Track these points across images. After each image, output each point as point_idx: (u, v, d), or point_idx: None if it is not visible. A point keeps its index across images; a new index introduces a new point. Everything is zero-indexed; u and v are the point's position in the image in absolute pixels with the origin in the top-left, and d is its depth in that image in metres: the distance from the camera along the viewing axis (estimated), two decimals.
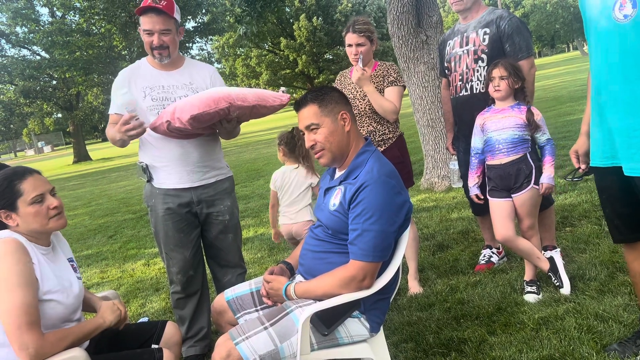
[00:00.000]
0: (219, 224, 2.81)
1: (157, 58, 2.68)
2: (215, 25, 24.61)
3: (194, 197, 2.73)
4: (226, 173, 2.88)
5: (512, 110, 2.93)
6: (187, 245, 2.76)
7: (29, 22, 27.50)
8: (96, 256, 6.08)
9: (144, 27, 2.62)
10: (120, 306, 2.05)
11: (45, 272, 1.84)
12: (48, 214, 1.88)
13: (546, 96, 15.29)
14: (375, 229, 1.87)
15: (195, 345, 2.90)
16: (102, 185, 15.05)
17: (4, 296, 1.70)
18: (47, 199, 1.89)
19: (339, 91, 2.13)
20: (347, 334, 1.97)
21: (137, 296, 4.28)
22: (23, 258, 1.77)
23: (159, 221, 2.74)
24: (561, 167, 5.86)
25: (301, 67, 38.12)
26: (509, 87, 2.90)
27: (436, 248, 4.06)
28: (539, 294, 2.91)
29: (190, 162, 2.69)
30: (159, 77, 2.70)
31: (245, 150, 17.98)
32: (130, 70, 2.74)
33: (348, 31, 3.19)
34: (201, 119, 2.36)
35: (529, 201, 2.93)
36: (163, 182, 2.72)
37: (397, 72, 3.22)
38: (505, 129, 2.92)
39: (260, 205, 7.30)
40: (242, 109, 2.42)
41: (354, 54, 3.17)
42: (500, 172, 2.97)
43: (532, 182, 2.92)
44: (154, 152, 2.71)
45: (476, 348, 2.50)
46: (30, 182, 1.87)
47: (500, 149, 2.96)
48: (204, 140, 2.72)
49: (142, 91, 2.67)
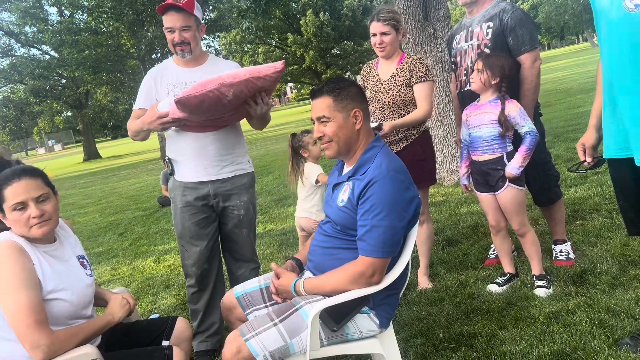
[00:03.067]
0: (234, 218, 2.86)
1: (180, 54, 2.75)
2: (222, 22, 24.58)
3: (211, 191, 2.78)
4: (246, 169, 2.90)
5: (489, 105, 2.92)
6: (203, 238, 2.81)
7: (38, 21, 27.66)
8: (107, 253, 6.13)
9: (166, 25, 2.71)
10: (129, 298, 2.07)
11: (47, 272, 1.84)
12: (29, 223, 1.83)
13: (556, 88, 15.15)
14: (384, 225, 1.87)
15: (207, 340, 2.93)
16: (112, 183, 15.16)
17: (9, 298, 1.72)
18: (29, 208, 1.83)
19: (358, 87, 2.10)
20: (356, 329, 1.97)
21: (147, 293, 4.31)
22: (21, 259, 1.78)
23: (177, 213, 2.82)
24: (571, 159, 5.81)
25: (308, 63, 37.98)
26: (481, 82, 2.88)
27: (445, 243, 4.04)
28: (549, 287, 2.90)
29: (207, 155, 2.74)
30: (183, 74, 2.78)
31: (254, 146, 18.01)
32: (157, 69, 2.84)
33: (372, 20, 3.14)
34: (187, 103, 2.35)
35: (510, 200, 2.94)
36: (183, 175, 2.80)
37: (426, 65, 3.12)
38: (481, 125, 2.93)
39: (270, 202, 7.31)
40: (234, 85, 2.33)
41: (378, 43, 3.12)
42: (477, 169, 3.04)
43: (507, 182, 2.92)
44: (175, 146, 2.80)
45: (486, 343, 2.50)
46: (14, 188, 1.82)
47: (477, 146, 2.99)
48: (224, 134, 2.75)
49: (166, 88, 2.77)
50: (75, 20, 25.86)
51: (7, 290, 1.72)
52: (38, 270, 1.81)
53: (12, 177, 1.84)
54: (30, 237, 1.87)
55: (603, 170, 4.71)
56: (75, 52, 22.75)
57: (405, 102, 3.13)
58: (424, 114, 3.07)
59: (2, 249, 1.78)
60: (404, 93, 3.11)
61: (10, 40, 31.87)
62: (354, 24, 36.70)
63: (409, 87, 3.12)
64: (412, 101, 3.14)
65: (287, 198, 7.21)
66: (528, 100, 3.03)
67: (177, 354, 1.93)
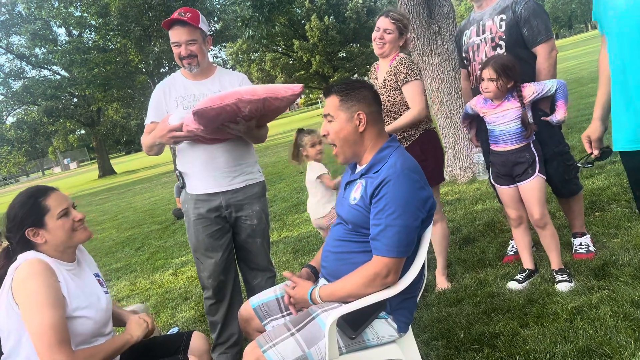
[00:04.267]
0: (247, 228, 2.86)
1: (187, 68, 2.77)
2: (228, 32, 24.75)
3: (223, 202, 2.78)
4: (257, 178, 2.91)
5: (508, 101, 2.90)
6: (217, 249, 2.82)
7: (47, 42, 28.10)
8: (125, 269, 6.17)
9: (172, 40, 2.73)
10: (147, 318, 2.07)
11: (72, 290, 1.86)
12: (74, 226, 1.93)
13: (566, 78, 14.98)
14: (398, 224, 1.84)
15: (227, 352, 2.92)
16: (128, 198, 15.29)
17: (34, 317, 1.72)
18: (72, 212, 1.95)
19: (369, 89, 2.06)
20: (375, 335, 1.94)
21: (166, 306, 4.32)
22: (49, 278, 1.79)
23: (191, 226, 2.83)
24: (583, 151, 5.71)
25: (315, 68, 38.03)
26: (498, 90, 2.85)
27: (462, 241, 3.99)
28: (571, 282, 2.85)
29: (218, 167, 2.74)
30: (191, 87, 2.80)
31: (265, 153, 18.05)
32: (165, 83, 2.87)
33: (381, 14, 3.15)
34: (206, 115, 2.37)
35: (534, 191, 2.91)
36: (194, 187, 2.81)
37: (407, 65, 3.07)
38: (508, 122, 2.91)
39: (283, 209, 7.30)
40: (251, 102, 2.39)
41: (379, 38, 3.11)
42: (503, 159, 2.99)
43: (536, 171, 2.90)
44: (185, 159, 2.81)
45: (509, 342, 2.45)
46: (54, 197, 1.92)
47: (504, 139, 2.96)
48: (233, 145, 2.75)
49: (175, 100, 2.78)
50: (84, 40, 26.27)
51: (32, 309, 1.73)
52: (63, 288, 1.83)
53: (46, 190, 1.94)
54: (71, 244, 1.95)
55: (619, 159, 4.62)
56: (85, 70, 23.09)
57: (395, 106, 3.11)
58: (415, 115, 3.04)
59: (30, 266, 1.79)
60: (393, 97, 3.10)
61: (22, 62, 32.40)
62: (358, 26, 36.69)
63: (398, 91, 3.10)
64: (404, 103, 3.11)
65: (301, 204, 7.19)
66: None
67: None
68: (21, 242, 1.88)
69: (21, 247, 1.88)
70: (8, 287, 1.78)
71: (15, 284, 1.77)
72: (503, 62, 2.83)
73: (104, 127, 35.75)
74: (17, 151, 38.78)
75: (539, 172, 2.90)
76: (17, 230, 1.86)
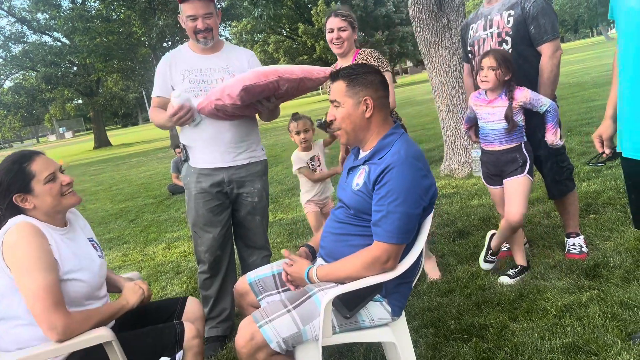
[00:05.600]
0: (248, 205, 2.88)
1: (202, 42, 2.75)
2: (234, 11, 24.53)
3: (226, 177, 2.79)
4: (260, 156, 2.93)
5: (500, 99, 2.91)
6: (216, 224, 2.83)
7: (50, 8, 27.76)
8: (118, 240, 6.18)
9: (188, 13, 2.69)
10: (143, 285, 2.08)
11: (64, 253, 1.86)
12: (61, 190, 1.91)
13: (569, 82, 14.99)
14: (400, 211, 1.86)
15: (217, 326, 2.95)
16: (123, 171, 15.24)
17: (27, 280, 1.73)
18: (59, 177, 1.92)
19: (376, 74, 2.05)
20: (369, 317, 1.97)
21: (158, 279, 4.35)
22: (40, 241, 1.79)
23: (191, 199, 2.84)
24: (585, 153, 5.76)
25: (319, 53, 37.83)
26: (497, 79, 2.85)
27: (456, 234, 4.03)
28: (513, 280, 3.01)
29: (223, 142, 2.75)
30: (198, 60, 2.78)
31: (264, 136, 18.01)
32: (172, 55, 2.84)
33: (329, 16, 3.15)
34: (252, 91, 2.43)
35: (518, 188, 2.92)
36: (197, 161, 2.81)
37: (378, 57, 3.08)
38: (497, 121, 2.93)
39: (279, 191, 7.32)
40: (290, 81, 2.49)
41: (336, 38, 3.12)
42: (493, 159, 3.03)
43: (525, 171, 2.92)
44: (190, 133, 2.80)
45: (497, 334, 2.49)
46: (40, 162, 1.88)
47: (494, 138, 2.98)
48: (239, 121, 2.77)
49: (181, 74, 2.76)
50: (87, 8, 25.95)
51: (24, 272, 1.73)
52: (55, 252, 1.83)
53: (31, 155, 1.89)
54: (60, 209, 1.92)
55: (617, 164, 4.66)
56: (87, 39, 22.84)
57: None
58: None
59: (19, 230, 1.78)
60: None
61: (23, 26, 32.04)
62: (365, 15, 36.45)
63: None
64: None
65: (297, 188, 7.19)
66: (547, 89, 3.01)
67: (189, 329, 1.95)
68: (10, 208, 1.86)
69: (10, 212, 1.86)
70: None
71: (6, 247, 1.76)
72: (503, 54, 2.87)
73: (102, 98, 35.52)
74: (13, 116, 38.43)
75: (527, 173, 2.92)
76: (5, 196, 1.84)
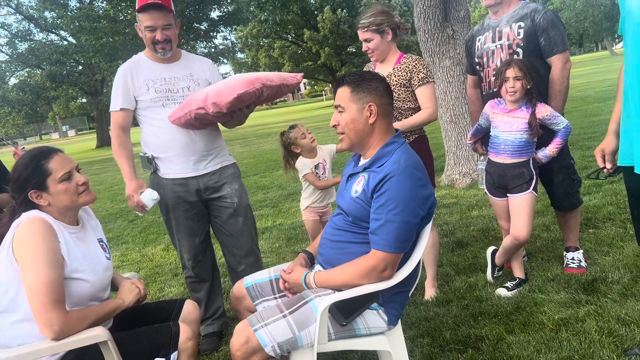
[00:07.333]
0: (229, 207, 2.88)
1: (160, 53, 2.74)
2: (240, 15, 24.65)
3: (201, 185, 2.81)
4: (230, 160, 2.97)
5: (520, 110, 2.91)
6: (197, 232, 2.88)
7: (58, 7, 27.90)
8: (117, 239, 6.18)
9: (146, 24, 2.67)
10: (139, 284, 2.09)
11: (72, 251, 1.87)
12: (77, 190, 1.93)
13: (572, 96, 15.01)
14: (398, 220, 1.86)
15: (213, 323, 3.04)
16: None
17: (30, 274, 1.74)
18: (75, 176, 1.94)
19: (381, 81, 2.06)
20: (365, 325, 1.97)
21: (156, 280, 4.34)
22: (49, 236, 1.80)
23: (169, 210, 2.85)
24: (586, 167, 5.75)
25: (324, 60, 37.88)
26: (523, 88, 2.87)
27: (455, 245, 4.03)
28: (511, 293, 3.01)
29: (196, 151, 2.77)
30: (160, 69, 2.77)
31: (266, 140, 18.04)
32: (130, 65, 2.78)
33: (357, 30, 3.13)
34: (244, 98, 2.48)
35: (525, 207, 2.94)
36: (169, 171, 2.80)
37: (427, 66, 3.04)
38: (513, 131, 2.93)
39: (279, 196, 7.32)
40: (270, 88, 2.55)
41: (364, 50, 3.12)
42: (500, 171, 3.02)
43: (530, 187, 2.93)
44: (158, 143, 2.77)
45: (493, 346, 2.48)
46: (57, 160, 1.91)
47: (505, 149, 2.98)
48: (209, 130, 2.81)
49: (145, 84, 2.73)
50: (94, 8, 26.07)
51: (29, 266, 1.74)
52: (63, 249, 1.84)
53: (49, 152, 1.92)
54: (74, 207, 1.95)
55: (618, 179, 4.66)
56: (93, 39, 22.92)
57: (399, 102, 3.03)
58: (428, 116, 2.98)
59: (30, 224, 1.80)
60: (397, 94, 3.01)
61: (30, 24, 32.18)
62: None
63: (404, 88, 3.01)
64: (408, 102, 3.04)
65: (297, 193, 7.21)
66: (558, 101, 3.03)
67: (185, 331, 1.95)
68: (25, 203, 1.89)
69: (25, 207, 1.89)
70: (9, 243, 1.79)
71: (16, 240, 1.78)
72: (525, 62, 2.89)
73: (106, 98, 35.52)
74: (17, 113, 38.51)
75: (533, 189, 2.94)
76: (20, 191, 1.87)
